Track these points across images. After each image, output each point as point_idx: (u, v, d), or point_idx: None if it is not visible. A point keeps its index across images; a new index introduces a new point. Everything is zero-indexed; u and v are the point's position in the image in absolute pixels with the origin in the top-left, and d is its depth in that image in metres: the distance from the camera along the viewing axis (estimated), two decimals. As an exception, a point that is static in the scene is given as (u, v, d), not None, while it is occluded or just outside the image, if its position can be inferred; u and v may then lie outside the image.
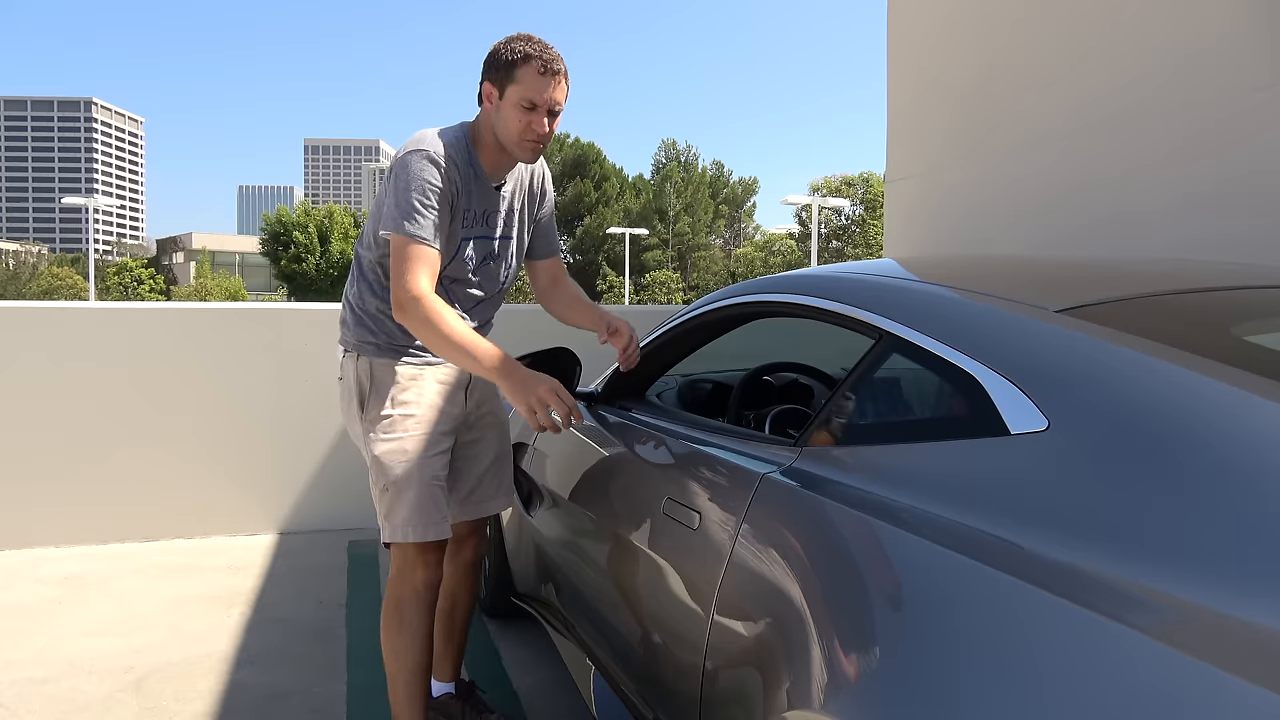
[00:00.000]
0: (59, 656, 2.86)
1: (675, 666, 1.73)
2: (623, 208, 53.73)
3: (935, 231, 4.40)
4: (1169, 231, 3.06)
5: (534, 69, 1.96)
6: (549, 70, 1.97)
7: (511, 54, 1.97)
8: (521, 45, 1.97)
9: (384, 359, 2.13)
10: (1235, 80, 2.82)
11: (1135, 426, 1.04)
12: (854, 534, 1.26)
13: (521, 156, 2.07)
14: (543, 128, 2.00)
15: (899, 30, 4.73)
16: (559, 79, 1.99)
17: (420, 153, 1.98)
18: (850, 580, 1.23)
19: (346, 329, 2.20)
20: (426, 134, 2.05)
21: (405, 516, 2.06)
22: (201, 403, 4.20)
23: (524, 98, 1.97)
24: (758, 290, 1.90)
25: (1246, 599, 0.83)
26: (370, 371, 2.13)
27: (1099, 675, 0.85)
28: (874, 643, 1.12)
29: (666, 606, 1.72)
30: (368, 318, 2.15)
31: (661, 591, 1.74)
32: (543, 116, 1.99)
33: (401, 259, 1.95)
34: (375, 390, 2.12)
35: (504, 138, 2.03)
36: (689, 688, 1.65)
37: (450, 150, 2.01)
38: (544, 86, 1.97)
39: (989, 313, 1.36)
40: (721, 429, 1.88)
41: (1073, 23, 3.51)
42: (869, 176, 48.36)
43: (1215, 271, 1.73)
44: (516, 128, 1.99)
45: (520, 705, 2.58)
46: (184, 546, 4.08)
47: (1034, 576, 0.97)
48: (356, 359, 2.15)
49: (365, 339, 2.15)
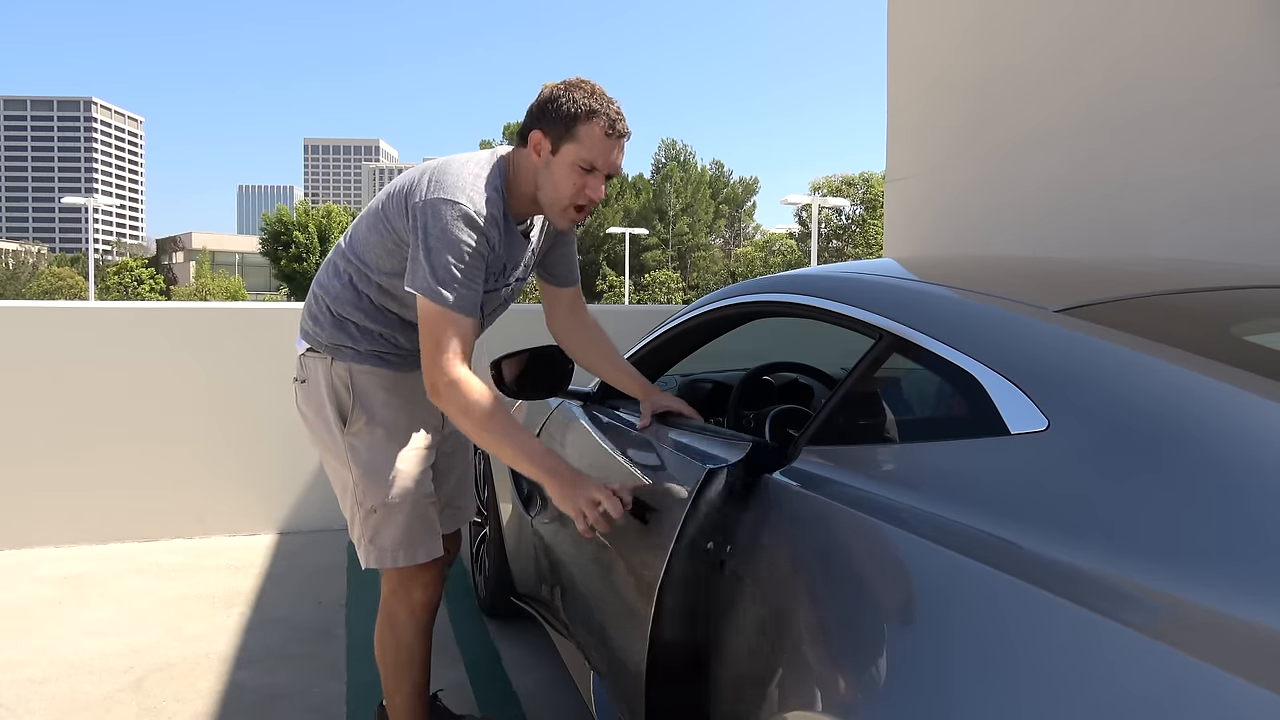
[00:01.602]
0: (59, 656, 2.86)
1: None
2: (622, 207, 53.72)
3: (935, 231, 4.40)
4: (1173, 232, 3.06)
5: (599, 128, 1.74)
6: (615, 131, 1.76)
7: (574, 107, 1.73)
8: (585, 99, 1.74)
9: (365, 365, 1.96)
10: (1243, 79, 2.82)
11: (1135, 426, 1.04)
12: (854, 534, 1.26)
13: (560, 223, 1.86)
14: (599, 193, 1.80)
15: (899, 30, 4.73)
16: (623, 142, 1.79)
17: (459, 208, 1.73)
18: (850, 580, 1.23)
19: (319, 327, 1.98)
20: (464, 176, 1.78)
21: (397, 539, 1.94)
22: (201, 403, 4.20)
23: (584, 159, 1.75)
24: (758, 290, 1.89)
25: (1246, 599, 0.83)
26: (350, 380, 1.95)
27: (1099, 675, 0.85)
28: (874, 643, 1.12)
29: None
30: (352, 325, 1.96)
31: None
32: (600, 181, 1.79)
33: (438, 333, 1.72)
34: (359, 401, 1.94)
35: (549, 197, 1.81)
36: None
37: (489, 204, 1.77)
38: (609, 150, 1.76)
39: (989, 313, 1.36)
40: (703, 429, 1.88)
41: (1075, 23, 3.51)
42: (869, 176, 48.40)
43: (1215, 271, 1.73)
44: (568, 191, 1.78)
45: (520, 705, 2.58)
46: (184, 546, 4.08)
47: (1034, 576, 0.97)
48: (331, 363, 1.96)
49: (343, 343, 1.96)
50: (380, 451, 1.94)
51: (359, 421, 1.94)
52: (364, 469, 1.93)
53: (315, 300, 2.02)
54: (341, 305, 1.96)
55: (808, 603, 1.26)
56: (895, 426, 1.57)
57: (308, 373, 2.01)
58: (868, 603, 1.17)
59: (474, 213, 1.74)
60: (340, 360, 1.96)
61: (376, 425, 1.95)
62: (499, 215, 1.80)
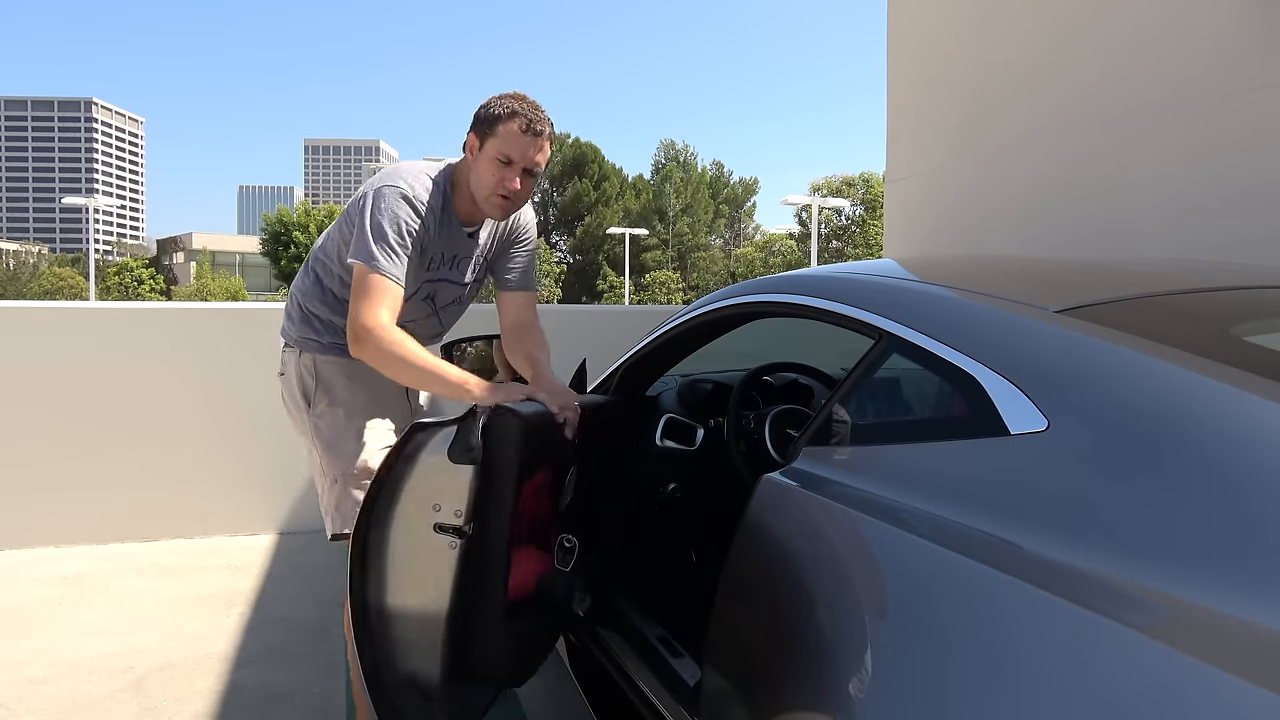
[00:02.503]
0: (59, 656, 2.86)
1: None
2: (622, 208, 53.72)
3: (935, 231, 4.40)
4: (1166, 231, 3.06)
5: (517, 126, 1.96)
6: (530, 130, 1.97)
7: (499, 109, 1.98)
8: (511, 102, 1.99)
9: (328, 356, 2.15)
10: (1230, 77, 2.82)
11: (1135, 427, 1.04)
12: (854, 534, 1.26)
13: (490, 213, 2.06)
14: (514, 184, 1.99)
15: (899, 30, 4.73)
16: (540, 141, 1.99)
17: (398, 190, 1.97)
18: (850, 580, 1.23)
19: (291, 324, 2.22)
20: (407, 170, 2.04)
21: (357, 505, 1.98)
22: (201, 403, 4.20)
23: (501, 152, 1.97)
24: (758, 290, 1.89)
25: (1246, 599, 0.83)
26: (314, 368, 2.16)
27: (1098, 675, 0.85)
28: (875, 643, 1.12)
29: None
30: (316, 319, 2.17)
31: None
32: (516, 174, 1.99)
33: (364, 290, 1.92)
34: (321, 385, 2.14)
35: (476, 190, 2.02)
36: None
37: (429, 193, 2.01)
38: (524, 145, 1.97)
39: (989, 313, 1.36)
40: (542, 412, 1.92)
41: (1076, 23, 3.51)
42: (869, 176, 48.36)
43: (1215, 271, 1.73)
44: (489, 182, 1.99)
45: (520, 705, 2.58)
46: (184, 546, 4.08)
47: (1034, 576, 0.97)
48: (299, 355, 2.18)
49: (309, 336, 2.17)
50: (341, 428, 2.11)
51: (321, 403, 2.14)
52: (325, 444, 2.11)
53: (290, 299, 2.26)
54: (309, 300, 2.18)
55: (808, 603, 1.26)
56: (895, 427, 1.57)
57: (285, 366, 2.23)
58: (868, 603, 1.17)
59: (411, 195, 1.97)
60: (307, 352, 2.18)
61: (338, 406, 2.13)
62: (437, 206, 2.03)
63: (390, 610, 1.68)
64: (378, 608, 1.67)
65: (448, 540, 1.59)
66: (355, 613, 1.67)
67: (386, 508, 1.64)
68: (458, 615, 1.61)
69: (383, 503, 1.64)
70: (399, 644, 1.68)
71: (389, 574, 1.66)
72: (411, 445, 1.63)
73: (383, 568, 1.66)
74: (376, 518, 1.64)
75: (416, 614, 1.67)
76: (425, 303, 2.19)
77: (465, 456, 1.58)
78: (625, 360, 2.26)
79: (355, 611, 1.67)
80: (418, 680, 1.67)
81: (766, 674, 1.30)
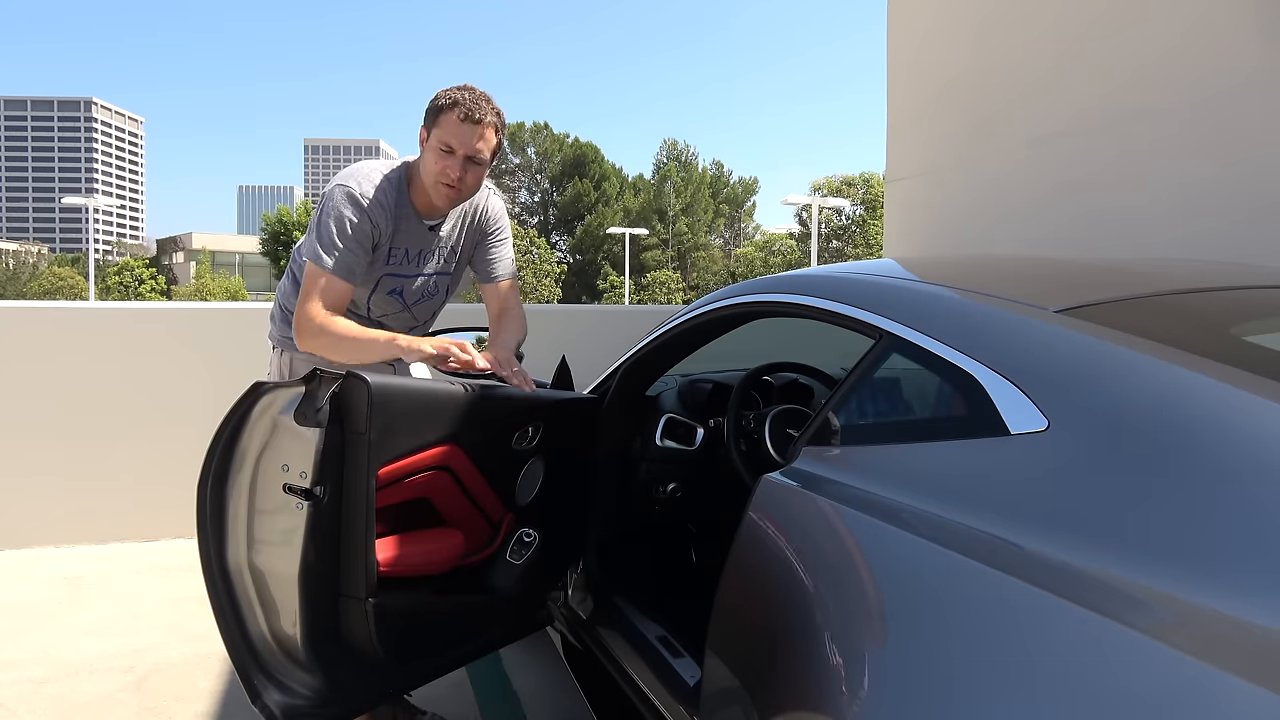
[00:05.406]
0: (59, 656, 2.86)
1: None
2: (622, 207, 53.72)
3: (935, 231, 4.40)
4: (1167, 231, 3.06)
5: (456, 115, 2.01)
6: (470, 118, 2.01)
7: (443, 100, 2.03)
8: (454, 92, 2.04)
9: (304, 354, 2.19)
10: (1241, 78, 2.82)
11: (1135, 427, 1.04)
12: (854, 534, 1.26)
13: (439, 202, 2.11)
14: (455, 172, 2.03)
15: (899, 29, 4.73)
16: (481, 129, 2.03)
17: (345, 189, 2.05)
18: (850, 580, 1.23)
19: (274, 324, 2.32)
20: (359, 169, 2.11)
21: None
22: (202, 403, 4.19)
23: (443, 141, 2.02)
24: (758, 290, 1.89)
25: (1246, 599, 0.83)
26: (292, 366, 2.27)
27: (1099, 675, 0.85)
28: (875, 643, 1.12)
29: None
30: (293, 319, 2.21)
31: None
32: (459, 162, 2.03)
33: (309, 287, 2.02)
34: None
35: (423, 178, 2.08)
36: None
37: (379, 190, 2.07)
38: (463, 133, 2.01)
39: (989, 313, 1.36)
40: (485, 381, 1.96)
41: (1075, 23, 3.51)
42: (869, 176, 48.35)
43: (1215, 271, 1.73)
44: (433, 170, 2.04)
45: (520, 705, 2.58)
46: (184, 546, 4.07)
47: (1034, 576, 0.97)
48: (280, 354, 2.30)
49: (288, 335, 2.22)
50: None
51: None
52: None
53: (275, 302, 2.36)
54: (288, 300, 2.26)
55: (808, 603, 1.26)
56: (895, 427, 1.57)
57: (269, 365, 2.37)
58: (868, 603, 1.17)
59: (359, 195, 2.04)
60: (286, 351, 2.29)
61: None
62: (389, 203, 2.09)
63: (238, 566, 1.70)
64: (224, 565, 1.70)
65: (295, 501, 1.60)
66: (205, 570, 1.70)
67: (228, 463, 1.66)
68: (312, 578, 1.63)
69: (222, 459, 1.65)
70: (253, 601, 1.71)
71: (240, 530, 1.68)
72: (258, 405, 1.64)
73: (232, 524, 1.68)
74: (216, 474, 1.66)
75: (269, 572, 1.68)
76: (393, 297, 2.23)
77: (310, 420, 1.59)
78: (625, 360, 2.26)
79: (204, 569, 1.70)
80: (278, 638, 1.71)
81: (766, 674, 1.30)
